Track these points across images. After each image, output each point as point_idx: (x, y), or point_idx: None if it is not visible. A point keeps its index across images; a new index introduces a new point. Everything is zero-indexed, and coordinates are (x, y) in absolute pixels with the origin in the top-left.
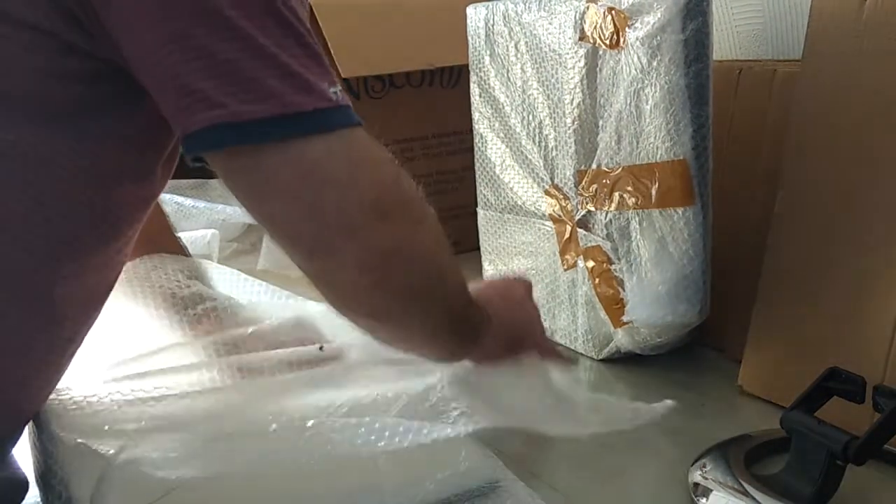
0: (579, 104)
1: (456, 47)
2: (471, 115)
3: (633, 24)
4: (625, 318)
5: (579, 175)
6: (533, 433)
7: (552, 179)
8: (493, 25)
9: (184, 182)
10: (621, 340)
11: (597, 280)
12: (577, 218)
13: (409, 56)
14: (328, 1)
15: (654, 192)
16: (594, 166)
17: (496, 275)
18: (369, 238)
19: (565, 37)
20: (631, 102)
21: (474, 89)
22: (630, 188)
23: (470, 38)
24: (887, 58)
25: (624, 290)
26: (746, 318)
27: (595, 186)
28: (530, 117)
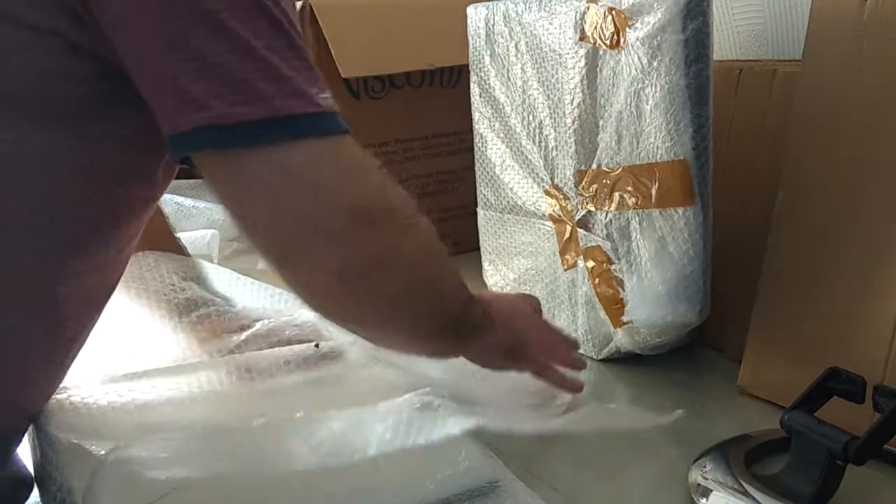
0: (579, 104)
1: (456, 47)
2: (471, 115)
3: (633, 25)
4: (625, 318)
5: (579, 175)
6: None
7: (552, 179)
8: (494, 25)
9: (184, 182)
10: (621, 340)
11: (597, 280)
12: (577, 218)
13: (409, 56)
14: (328, 1)
15: (654, 192)
16: (594, 166)
17: (505, 288)
18: (350, 246)
19: (565, 37)
20: (631, 102)
21: (474, 89)
22: (630, 188)
23: (470, 38)
24: (888, 58)
25: (624, 290)
26: (746, 318)
27: (595, 186)
28: (530, 117)
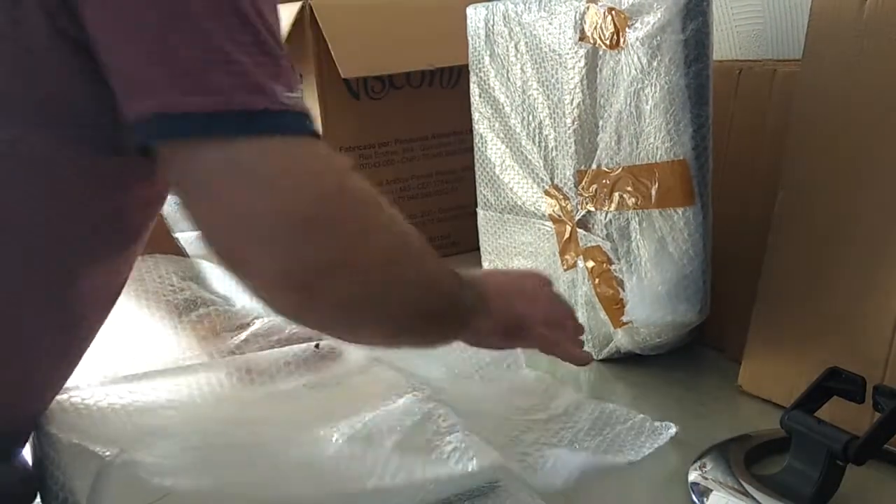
0: (579, 104)
1: (456, 47)
2: (470, 115)
3: (633, 25)
4: (624, 319)
5: (579, 175)
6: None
7: (552, 180)
8: (493, 26)
9: None
10: (621, 340)
11: (596, 280)
12: (577, 218)
13: (409, 56)
14: (328, 1)
15: (653, 192)
16: (594, 166)
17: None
18: (290, 255)
19: (565, 37)
20: (631, 102)
21: (474, 89)
22: (630, 188)
23: (470, 38)
24: (888, 58)
25: (624, 291)
26: (746, 318)
27: (595, 187)
28: (530, 117)
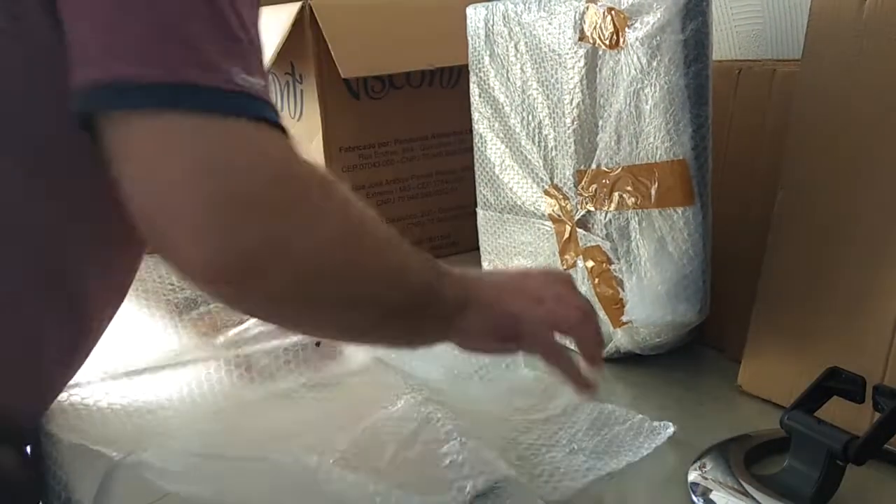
0: (579, 104)
1: (456, 47)
2: (470, 115)
3: (632, 25)
4: (624, 318)
5: (579, 175)
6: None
7: (552, 179)
8: (493, 26)
9: None
10: (621, 340)
11: (596, 280)
12: (577, 218)
13: (409, 56)
14: (328, 1)
15: (653, 192)
16: (594, 166)
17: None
18: (220, 238)
19: (565, 37)
20: (630, 102)
21: (474, 89)
22: (629, 188)
23: (470, 38)
24: (887, 58)
25: (623, 290)
26: (746, 318)
27: (594, 186)
28: (530, 117)
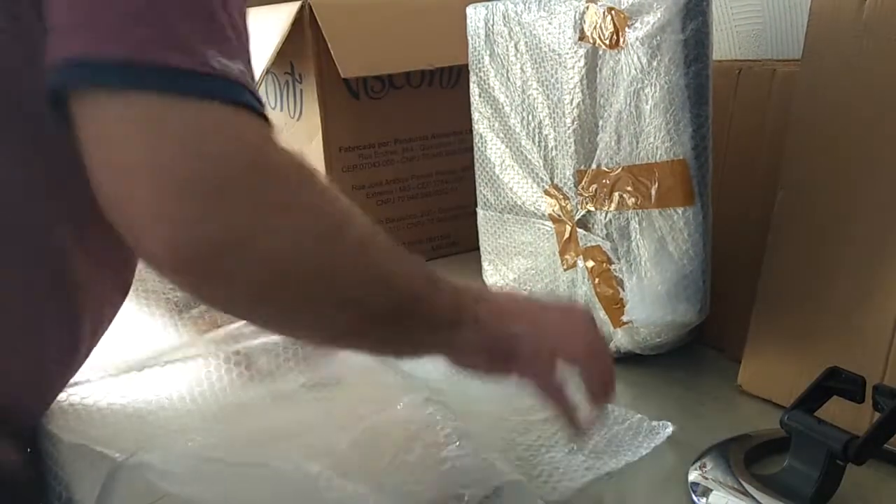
0: (579, 104)
1: (456, 47)
2: (470, 115)
3: (632, 24)
4: (624, 318)
5: (579, 175)
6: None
7: (552, 179)
8: (493, 25)
9: None
10: (621, 340)
11: (596, 280)
12: (577, 218)
13: (408, 56)
14: (328, 1)
15: (653, 191)
16: (594, 166)
17: (504, 288)
18: (182, 222)
19: (565, 37)
20: (631, 102)
21: (474, 89)
22: (630, 188)
23: (470, 38)
24: (887, 58)
25: (623, 290)
26: (746, 318)
27: (595, 186)
28: (530, 117)
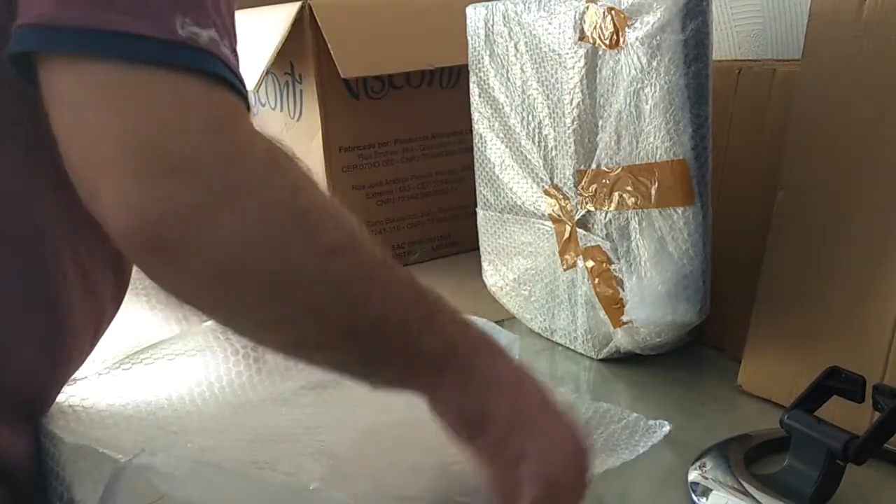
0: (579, 104)
1: (455, 47)
2: (470, 115)
3: (632, 24)
4: (624, 318)
5: (579, 175)
6: None
7: (552, 179)
8: (493, 25)
9: None
10: (621, 340)
11: (596, 280)
12: (577, 218)
13: (408, 56)
14: (328, 1)
15: (653, 191)
16: (594, 166)
17: (504, 288)
18: (143, 191)
19: (565, 37)
20: (630, 102)
21: (474, 89)
22: (629, 188)
23: (469, 38)
24: (887, 58)
25: (623, 290)
26: (746, 318)
27: (595, 186)
28: (530, 117)
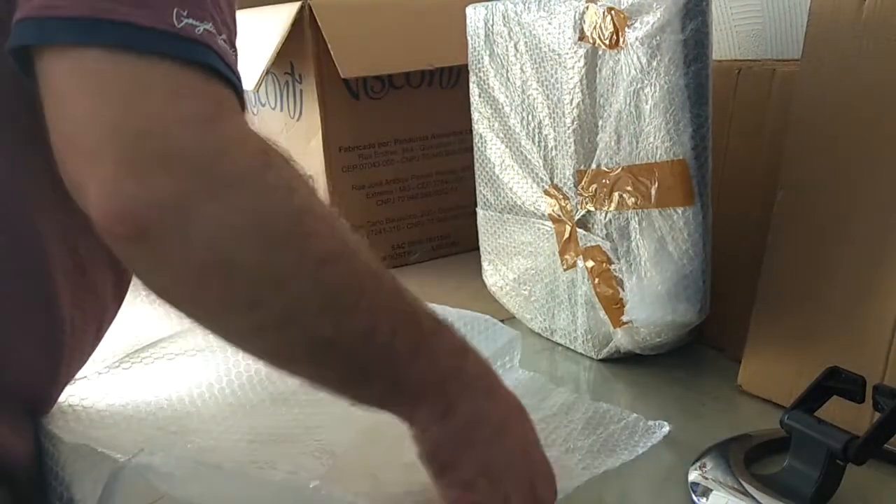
0: (579, 104)
1: (455, 47)
2: (470, 115)
3: (632, 24)
4: (624, 318)
5: (579, 175)
6: None
7: (552, 179)
8: (493, 25)
9: None
10: (621, 340)
11: (596, 280)
12: (577, 218)
13: (408, 56)
14: (328, 1)
15: (653, 191)
16: (594, 166)
17: (504, 287)
18: (114, 185)
19: (565, 37)
20: (630, 102)
21: (474, 89)
22: (629, 188)
23: (469, 38)
24: (887, 58)
25: (623, 290)
26: (746, 318)
27: (594, 186)
28: (530, 117)
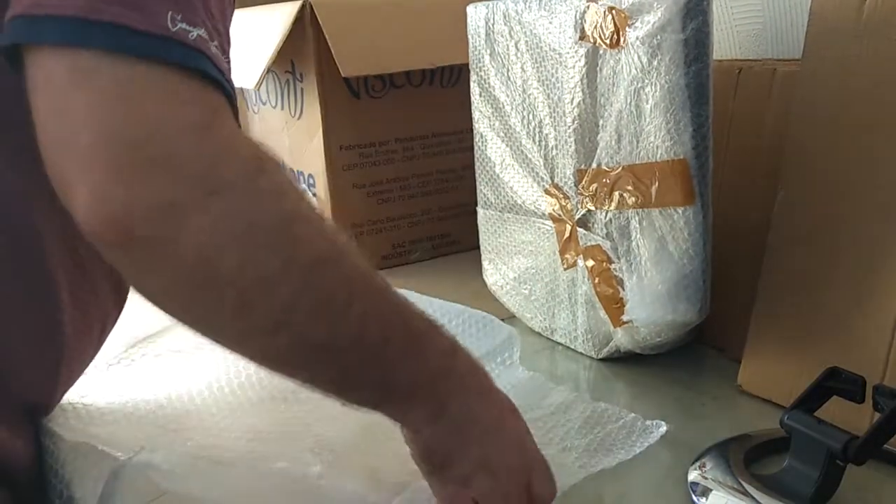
0: (579, 103)
1: (456, 47)
2: (471, 114)
3: (633, 24)
4: (624, 318)
5: (579, 174)
6: None
7: (552, 178)
8: (494, 25)
9: None
10: (621, 340)
11: (596, 279)
12: (577, 217)
13: (409, 56)
14: (328, 1)
15: (653, 191)
16: (594, 165)
17: (504, 287)
18: (104, 184)
19: (565, 36)
20: (631, 102)
21: (474, 88)
22: (630, 187)
23: (470, 37)
24: (887, 58)
25: (624, 290)
26: (746, 318)
27: (595, 186)
28: (530, 116)
